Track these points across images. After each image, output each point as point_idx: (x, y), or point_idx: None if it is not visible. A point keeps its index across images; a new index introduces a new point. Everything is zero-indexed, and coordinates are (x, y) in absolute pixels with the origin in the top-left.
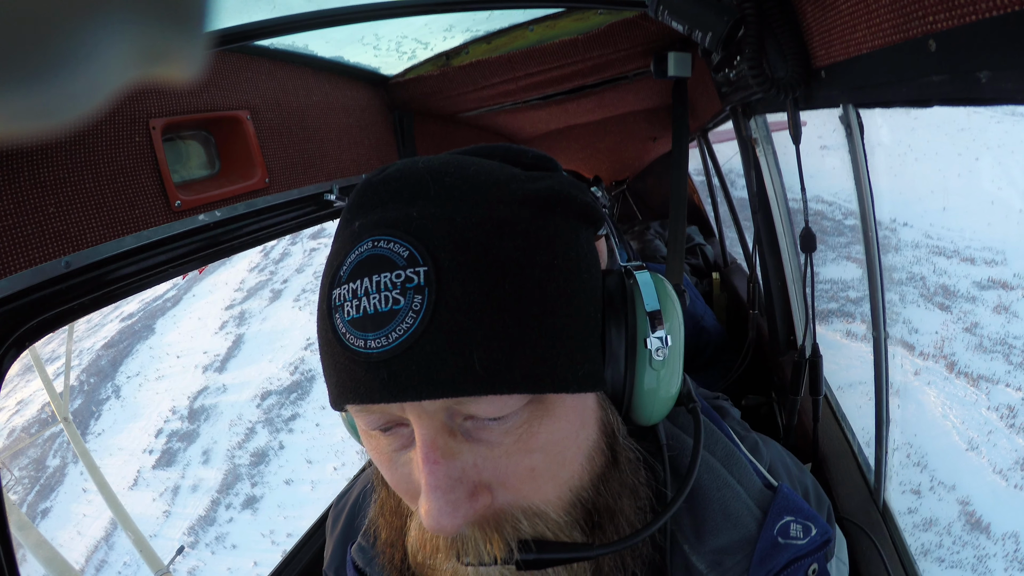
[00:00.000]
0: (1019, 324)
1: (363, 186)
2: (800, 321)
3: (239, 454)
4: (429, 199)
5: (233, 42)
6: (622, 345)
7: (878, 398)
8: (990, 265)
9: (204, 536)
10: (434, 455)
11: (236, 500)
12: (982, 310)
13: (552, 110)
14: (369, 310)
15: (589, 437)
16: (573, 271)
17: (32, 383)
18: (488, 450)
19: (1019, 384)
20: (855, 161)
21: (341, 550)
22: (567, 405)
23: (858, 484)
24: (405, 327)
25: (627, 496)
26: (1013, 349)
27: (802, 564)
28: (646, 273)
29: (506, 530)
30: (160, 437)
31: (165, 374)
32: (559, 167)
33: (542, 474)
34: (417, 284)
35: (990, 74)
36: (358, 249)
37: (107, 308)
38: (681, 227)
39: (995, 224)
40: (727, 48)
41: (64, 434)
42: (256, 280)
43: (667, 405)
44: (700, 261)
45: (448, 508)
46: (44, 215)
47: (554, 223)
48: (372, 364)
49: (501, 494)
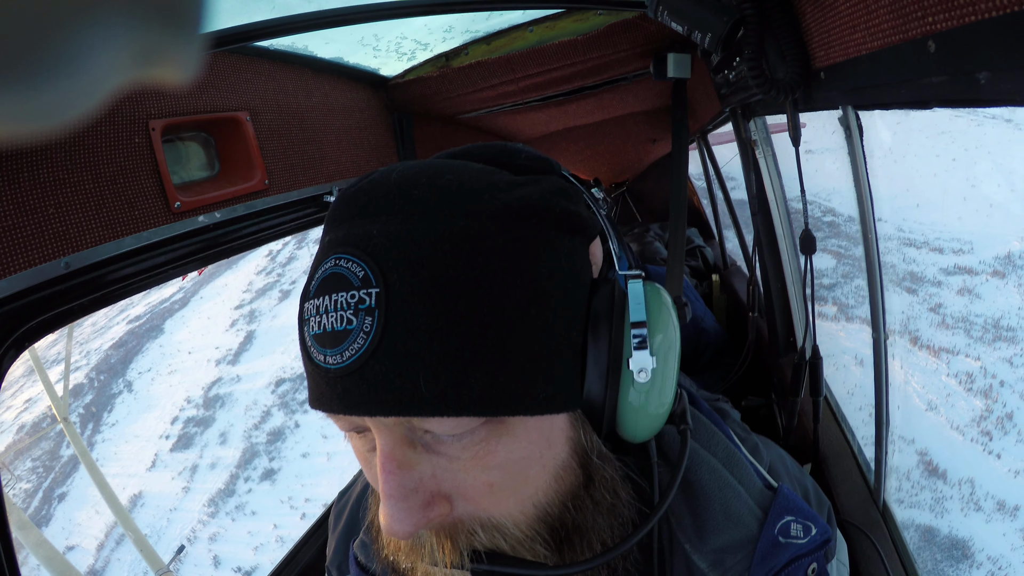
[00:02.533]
0: (981, 304)
1: (339, 198)
2: (800, 323)
3: (256, 434)
4: (392, 214)
5: (233, 43)
6: (603, 363)
7: (878, 398)
8: (957, 254)
9: (224, 506)
10: (390, 465)
11: (254, 474)
12: (947, 293)
13: (552, 111)
14: (328, 327)
15: (556, 456)
16: (540, 288)
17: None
18: (447, 463)
19: (978, 354)
20: (854, 163)
21: (344, 546)
22: (529, 426)
23: (858, 484)
24: (356, 347)
25: (602, 514)
26: (973, 325)
27: (802, 563)
28: (639, 283)
29: (461, 539)
30: (176, 424)
31: (177, 369)
32: (555, 168)
33: (501, 490)
34: (368, 305)
35: (990, 75)
36: (324, 265)
37: (113, 311)
38: (681, 229)
39: (965, 218)
40: (727, 49)
41: (77, 423)
42: (264, 282)
43: (654, 423)
44: (700, 263)
45: (400, 515)
46: (44, 216)
47: (524, 236)
48: (330, 378)
49: (461, 505)
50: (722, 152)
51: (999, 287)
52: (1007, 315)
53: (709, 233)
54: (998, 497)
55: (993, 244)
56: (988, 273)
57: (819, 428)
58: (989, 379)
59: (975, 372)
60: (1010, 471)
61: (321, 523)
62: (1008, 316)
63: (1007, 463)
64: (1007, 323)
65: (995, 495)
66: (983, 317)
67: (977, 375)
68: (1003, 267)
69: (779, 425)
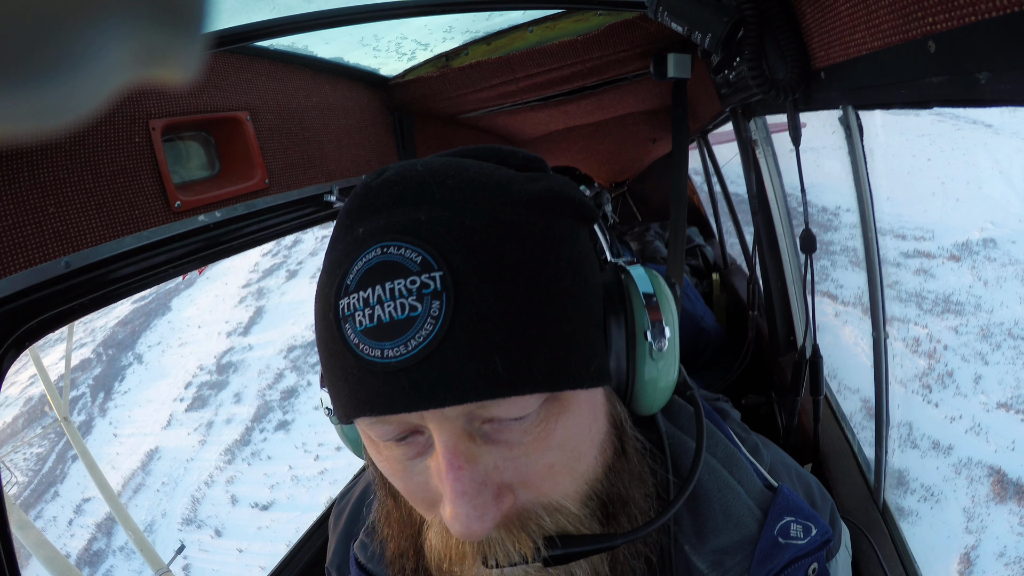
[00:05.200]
0: (935, 283)
1: (362, 190)
2: (800, 322)
3: (269, 393)
4: (435, 203)
5: (233, 43)
6: (623, 338)
7: (878, 398)
8: (919, 240)
9: (240, 454)
10: (458, 461)
11: (269, 426)
12: (904, 272)
13: (552, 111)
14: (384, 318)
15: (601, 429)
16: (577, 270)
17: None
18: (508, 451)
19: (926, 323)
20: (855, 163)
21: (344, 547)
22: (580, 400)
23: (858, 484)
24: (425, 334)
25: (636, 484)
26: (925, 300)
27: (802, 564)
28: (639, 267)
29: (531, 528)
30: (190, 388)
31: (188, 341)
32: (548, 167)
33: (560, 470)
34: (434, 289)
35: (990, 75)
36: (365, 256)
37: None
38: (681, 228)
39: (931, 211)
40: (727, 49)
41: (87, 393)
42: (270, 263)
43: (666, 393)
44: (700, 262)
45: (476, 513)
46: (44, 215)
47: (556, 223)
48: (391, 374)
49: (522, 493)
50: (722, 152)
51: (953, 269)
52: (957, 292)
53: (709, 232)
54: (933, 438)
55: (953, 233)
56: (945, 257)
57: (819, 427)
58: (934, 344)
59: (922, 337)
60: (946, 417)
61: (320, 524)
62: (958, 293)
63: (944, 411)
64: (956, 299)
65: (931, 436)
66: (935, 293)
67: (924, 340)
68: (960, 252)
69: (779, 424)
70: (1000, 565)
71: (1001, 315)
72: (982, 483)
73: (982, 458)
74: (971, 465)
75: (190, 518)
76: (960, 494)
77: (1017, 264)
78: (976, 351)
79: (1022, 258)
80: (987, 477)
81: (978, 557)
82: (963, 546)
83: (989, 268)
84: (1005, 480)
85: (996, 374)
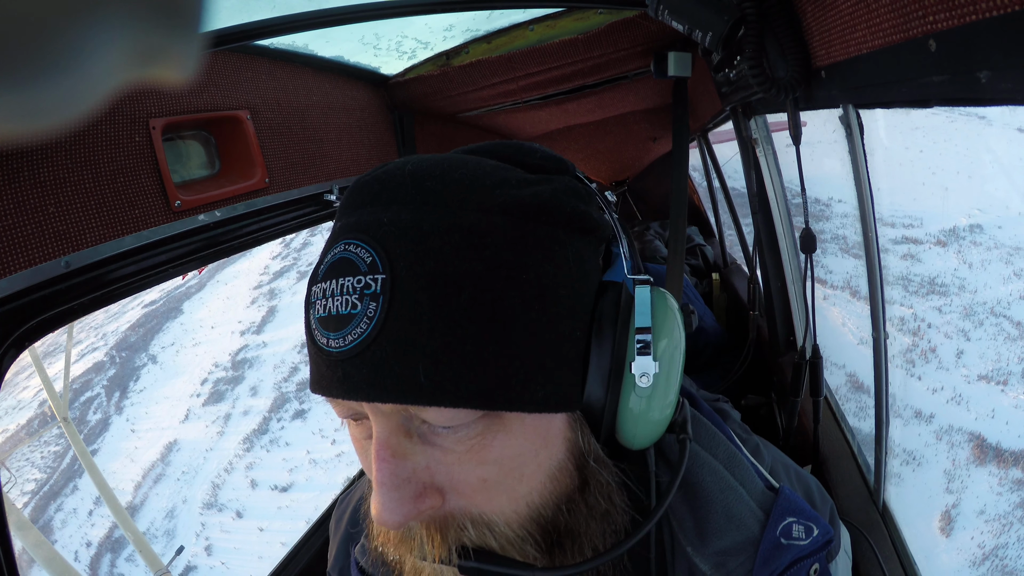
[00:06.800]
0: (921, 266)
1: (353, 185)
2: (800, 322)
3: (285, 385)
4: (403, 204)
5: (233, 42)
6: (605, 367)
7: (878, 398)
8: (907, 228)
9: (258, 442)
10: (384, 453)
11: (286, 415)
12: (891, 258)
13: (552, 110)
14: (333, 311)
15: (553, 456)
16: (547, 285)
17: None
18: (442, 455)
19: (911, 304)
20: (855, 162)
21: (345, 550)
22: (526, 423)
23: (858, 485)
24: (359, 332)
25: (596, 520)
26: (911, 283)
27: (804, 564)
28: (647, 289)
29: (450, 534)
30: (206, 384)
31: (202, 341)
32: (569, 169)
33: (494, 486)
34: (373, 291)
35: (990, 74)
36: (334, 250)
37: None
38: (681, 227)
39: (920, 200)
40: (727, 48)
41: (102, 393)
42: (280, 265)
43: (654, 431)
44: (700, 262)
45: (391, 505)
46: (44, 215)
47: (534, 233)
48: (332, 362)
49: (453, 499)
50: (722, 151)
51: (939, 253)
52: (942, 275)
53: (709, 231)
54: (915, 407)
55: (941, 221)
56: (932, 243)
57: (819, 429)
58: (918, 322)
59: (907, 317)
60: (928, 389)
61: (319, 525)
62: (943, 276)
63: (927, 383)
64: (941, 281)
65: (913, 406)
66: (920, 276)
67: (908, 319)
68: (946, 238)
69: (779, 425)
70: (981, 522)
71: (984, 295)
72: (962, 447)
73: (963, 425)
74: (952, 431)
75: (211, 503)
76: (941, 458)
77: (1002, 247)
78: (959, 328)
79: (1007, 242)
80: (967, 442)
81: (959, 515)
82: (944, 504)
83: (975, 252)
84: (985, 444)
85: (978, 349)
